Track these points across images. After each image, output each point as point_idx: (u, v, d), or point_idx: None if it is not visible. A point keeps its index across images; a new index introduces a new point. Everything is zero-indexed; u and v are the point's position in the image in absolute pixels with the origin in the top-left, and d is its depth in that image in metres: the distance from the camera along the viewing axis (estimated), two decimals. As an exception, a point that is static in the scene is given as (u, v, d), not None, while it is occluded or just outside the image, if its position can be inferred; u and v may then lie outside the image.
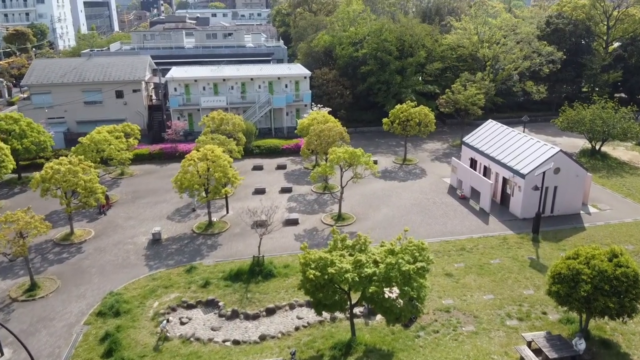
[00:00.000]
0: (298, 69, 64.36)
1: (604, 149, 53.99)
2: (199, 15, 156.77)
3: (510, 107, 69.61)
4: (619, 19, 70.92)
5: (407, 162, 52.25)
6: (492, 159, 40.72)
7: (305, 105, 62.33)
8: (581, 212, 38.69)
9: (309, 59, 70.47)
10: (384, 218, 38.48)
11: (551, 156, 36.36)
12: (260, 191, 44.01)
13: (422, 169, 50.06)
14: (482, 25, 62.99)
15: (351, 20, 68.45)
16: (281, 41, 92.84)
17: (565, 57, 65.02)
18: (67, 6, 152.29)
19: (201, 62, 75.75)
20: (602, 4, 70.39)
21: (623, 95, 76.61)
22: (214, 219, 38.01)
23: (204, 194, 35.30)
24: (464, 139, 46.09)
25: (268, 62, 77.74)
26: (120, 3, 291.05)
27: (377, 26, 64.78)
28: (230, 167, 37.34)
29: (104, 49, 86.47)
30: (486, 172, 42.25)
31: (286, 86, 62.27)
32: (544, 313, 26.23)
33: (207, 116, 49.21)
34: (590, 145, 54.13)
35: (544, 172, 33.70)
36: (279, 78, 61.72)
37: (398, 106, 51.05)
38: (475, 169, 43.92)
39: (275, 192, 44.26)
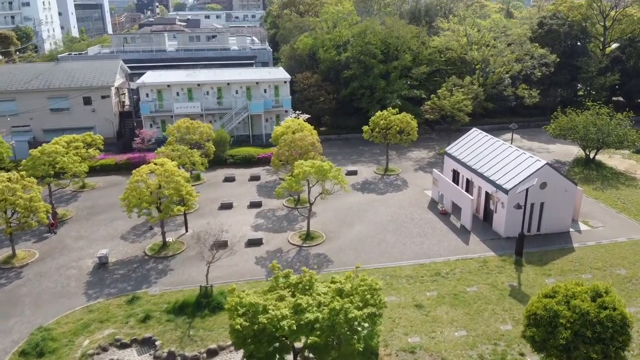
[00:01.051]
0: (278, 73, 61.33)
1: (599, 157, 50.81)
2: (189, 17, 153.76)
3: (502, 112, 66.45)
4: (616, 19, 67.76)
5: (389, 172, 49.11)
6: (475, 171, 37.59)
7: (286, 111, 59.30)
8: (571, 230, 35.52)
9: (292, 62, 67.41)
10: (357, 237, 35.37)
11: (536, 170, 33.21)
12: (227, 206, 40.94)
13: (403, 180, 46.91)
14: (471, 27, 59.84)
15: (335, 21, 65.35)
16: (267, 44, 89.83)
17: (559, 59, 61.83)
18: (54, 9, 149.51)
19: (182, 66, 72.76)
20: (599, 4, 67.18)
21: (621, 99, 73.42)
22: (170, 239, 34.96)
23: (155, 212, 32.24)
24: (446, 149, 42.95)
25: (251, 65, 74.72)
26: (116, 5, 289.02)
27: (360, 28, 61.71)
28: (188, 181, 34.36)
29: (82, 52, 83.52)
30: (469, 185, 39.13)
31: (265, 91, 59.23)
32: (522, 354, 23.08)
33: (171, 125, 46.17)
34: (584, 154, 50.97)
35: (527, 189, 30.55)
36: (257, 83, 58.68)
37: (378, 113, 47.97)
38: (457, 182, 40.81)
39: (243, 206, 41.18)
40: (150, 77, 59.55)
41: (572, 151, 54.61)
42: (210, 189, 45.20)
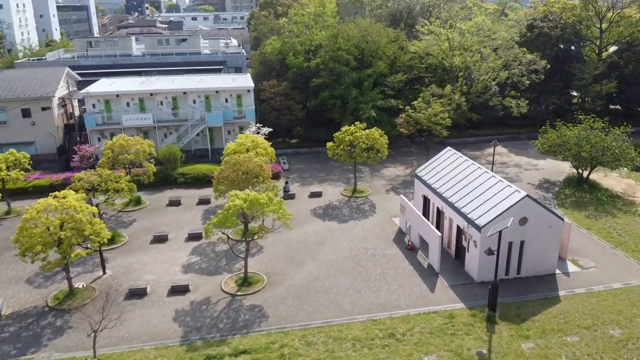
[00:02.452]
0: (242, 81, 55.87)
1: (593, 176, 45.37)
2: (172, 19, 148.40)
3: (489, 123, 60.99)
4: (613, 21, 62.30)
5: (357, 193, 43.65)
6: (446, 200, 32.12)
7: (250, 123, 53.81)
8: (557, 271, 30.04)
9: (262, 68, 61.93)
10: (305, 280, 29.89)
11: (515, 203, 27.76)
12: (160, 239, 35.45)
13: (372, 205, 41.45)
14: (453, 31, 54.40)
15: (306, 24, 59.90)
16: (241, 47, 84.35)
17: (550, 65, 56.38)
18: (29, 11, 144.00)
19: (147, 72, 67.33)
20: (595, 5, 61.75)
21: (619, 107, 68.02)
22: (81, 284, 29.46)
23: (52, 257, 26.77)
24: (416, 171, 37.48)
25: (219, 71, 69.26)
26: (107, 7, 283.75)
27: (331, 32, 56.29)
28: (99, 215, 28.93)
29: (42, 58, 78.00)
30: (440, 216, 33.68)
31: (226, 101, 53.78)
32: None
33: (107, 142, 40.74)
34: (576, 172, 45.55)
35: (500, 232, 25.09)
36: (217, 92, 53.23)
37: (344, 128, 42.52)
38: (428, 210, 35.38)
39: (180, 239, 35.66)
40: (99, 85, 54.13)
41: (563, 168, 49.18)
42: (149, 216, 39.73)
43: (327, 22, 60.74)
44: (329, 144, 42.39)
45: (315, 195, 43.32)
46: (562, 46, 61.69)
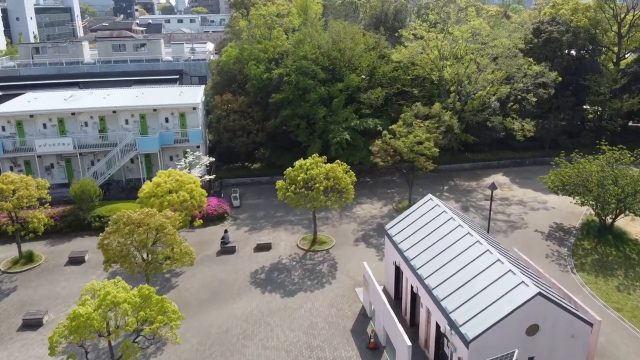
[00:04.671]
0: (188, 96, 46.25)
1: (619, 222, 35.63)
2: (150, 21, 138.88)
3: (488, 145, 51.38)
4: (633, 24, 52.58)
5: (316, 246, 34.03)
6: (421, 281, 22.44)
7: (198, 147, 44.32)
8: (582, 396, 20.32)
9: (221, 78, 52.16)
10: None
11: (521, 305, 18.11)
12: (32, 323, 25.80)
13: (333, 264, 31.79)
14: (443, 36, 44.72)
15: (269, 26, 50.18)
16: (208, 54, 74.69)
17: (561, 77, 46.60)
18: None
19: (98, 83, 58.02)
20: (612, 5, 52.04)
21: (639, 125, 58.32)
22: None
23: None
24: (387, 228, 27.77)
25: (175, 82, 59.75)
26: (98, 9, 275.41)
27: (296, 37, 46.74)
28: None
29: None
30: (415, 300, 24.00)
31: (166, 120, 44.23)
32: None
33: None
34: (596, 217, 35.82)
35: (497, 374, 15.45)
36: (154, 110, 43.67)
37: (298, 163, 32.91)
38: (399, 286, 25.77)
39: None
40: (16, 103, 44.69)
41: (578, 209, 39.37)
42: (38, 280, 30.18)
43: (293, 23, 51.07)
44: (279, 183, 32.74)
45: (263, 248, 33.70)
46: (574, 54, 52.00)
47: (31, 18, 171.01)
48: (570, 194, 35.39)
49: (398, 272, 26.03)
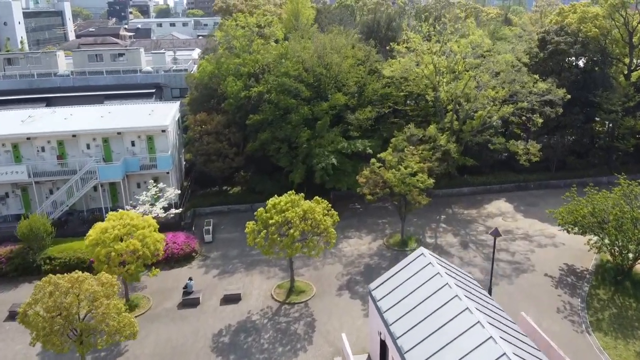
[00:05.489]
0: (158, 116, 41.83)
1: (638, 266, 31.29)
2: (139, 26, 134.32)
3: (490, 166, 47.05)
4: (646, 34, 48.34)
5: (294, 296, 29.69)
6: (409, 369, 18.08)
7: (168, 173, 40.02)
8: None
9: (199, 93, 47.60)
10: None
11: None
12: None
13: (310, 321, 27.45)
14: (439, 50, 40.38)
15: (249, 37, 45.72)
16: (191, 63, 70.29)
17: (569, 94, 42.18)
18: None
19: (70, 99, 53.65)
20: (624, 13, 47.69)
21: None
22: None
23: None
24: (370, 287, 23.38)
25: (151, 97, 55.34)
26: (93, 12, 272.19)
27: (277, 50, 42.44)
28: None
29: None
30: (401, 387, 19.63)
31: (132, 144, 39.91)
32: None
33: None
34: (612, 259, 31.43)
35: None
36: (119, 133, 39.34)
37: (270, 201, 28.57)
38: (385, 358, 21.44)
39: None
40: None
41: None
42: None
43: (276, 35, 46.66)
44: (249, 226, 28.35)
45: (231, 299, 29.34)
46: (582, 67, 47.65)
47: (19, 23, 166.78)
48: (584, 234, 31.10)
49: (384, 347, 21.65)
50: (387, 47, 44.33)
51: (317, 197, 29.31)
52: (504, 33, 43.21)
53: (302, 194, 29.09)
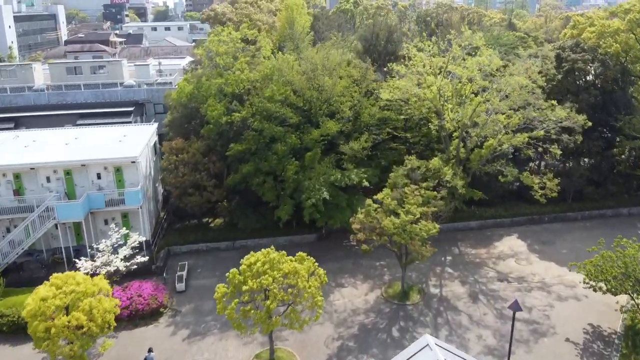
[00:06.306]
0: (127, 144, 37.31)
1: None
2: (131, 31, 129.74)
3: (501, 197, 42.50)
4: (670, 50, 43.84)
5: (273, 367, 25.15)
6: None
7: (140, 208, 35.54)
8: None
9: (179, 114, 43.00)
10: None
11: None
12: None
13: (291, 405, 22.92)
14: (443, 73, 35.86)
15: (233, 54, 41.15)
16: (177, 76, 65.81)
17: (590, 121, 37.55)
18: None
19: (42, 120, 49.26)
20: (647, 28, 43.26)
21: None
22: None
23: None
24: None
25: (129, 115, 50.76)
26: (89, 14, 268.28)
27: (262, 71, 37.97)
28: None
29: None
30: None
31: (98, 177, 35.44)
32: None
33: None
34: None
35: None
36: (83, 165, 34.85)
37: (247, 260, 24.03)
38: None
39: None
40: None
41: (618, 297, 30.48)
42: None
43: (265, 51, 42.13)
44: (219, 290, 23.81)
45: (197, 376, 24.86)
46: (602, 87, 43.08)
47: (10, 27, 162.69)
48: (613, 292, 26.62)
49: None
50: (385, 69, 39.73)
51: (301, 254, 24.75)
52: (519, 53, 38.47)
53: (283, 253, 24.40)
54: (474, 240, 38.88)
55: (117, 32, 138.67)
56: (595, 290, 27.56)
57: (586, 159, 44.20)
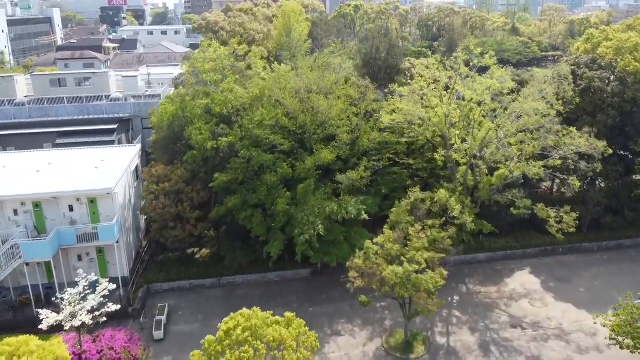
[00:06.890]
0: (103, 172, 33.99)
1: None
2: (125, 36, 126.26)
3: (511, 225, 39.15)
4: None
5: None
6: None
7: (116, 243, 32.23)
8: None
9: (164, 134, 39.60)
10: None
11: None
12: None
13: None
14: (449, 98, 32.64)
15: (221, 72, 37.89)
16: (167, 88, 62.53)
17: (610, 147, 34.32)
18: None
19: (9, 139, 46.14)
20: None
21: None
22: None
23: None
24: None
25: (112, 134, 47.49)
26: (86, 17, 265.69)
27: (252, 91, 34.73)
28: None
29: None
30: None
31: (71, 209, 32.17)
32: None
33: None
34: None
35: None
36: (54, 197, 31.59)
37: (225, 325, 20.76)
38: None
39: None
40: None
41: (648, 350, 27.27)
42: None
43: (256, 68, 38.91)
44: (195, 356, 20.54)
45: None
46: (620, 106, 39.81)
47: (3, 31, 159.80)
48: (644, 351, 23.43)
49: None
50: (386, 91, 36.54)
51: (288, 315, 21.49)
52: (532, 71, 35.29)
53: (269, 313, 21.17)
54: (483, 276, 35.64)
55: (111, 37, 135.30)
56: (622, 348, 24.34)
57: (602, 184, 41.03)
